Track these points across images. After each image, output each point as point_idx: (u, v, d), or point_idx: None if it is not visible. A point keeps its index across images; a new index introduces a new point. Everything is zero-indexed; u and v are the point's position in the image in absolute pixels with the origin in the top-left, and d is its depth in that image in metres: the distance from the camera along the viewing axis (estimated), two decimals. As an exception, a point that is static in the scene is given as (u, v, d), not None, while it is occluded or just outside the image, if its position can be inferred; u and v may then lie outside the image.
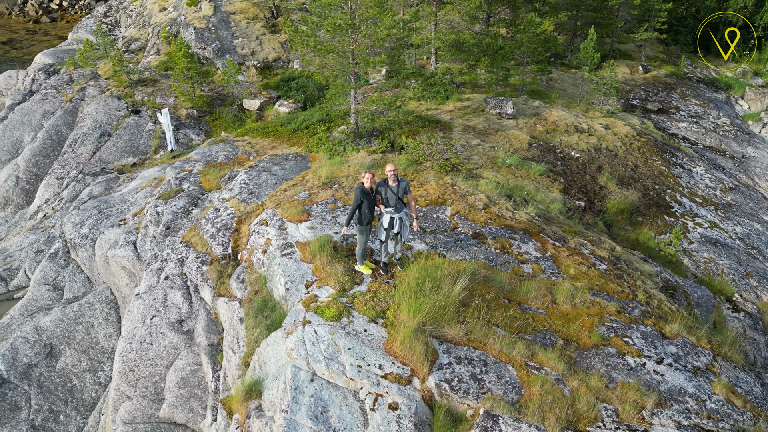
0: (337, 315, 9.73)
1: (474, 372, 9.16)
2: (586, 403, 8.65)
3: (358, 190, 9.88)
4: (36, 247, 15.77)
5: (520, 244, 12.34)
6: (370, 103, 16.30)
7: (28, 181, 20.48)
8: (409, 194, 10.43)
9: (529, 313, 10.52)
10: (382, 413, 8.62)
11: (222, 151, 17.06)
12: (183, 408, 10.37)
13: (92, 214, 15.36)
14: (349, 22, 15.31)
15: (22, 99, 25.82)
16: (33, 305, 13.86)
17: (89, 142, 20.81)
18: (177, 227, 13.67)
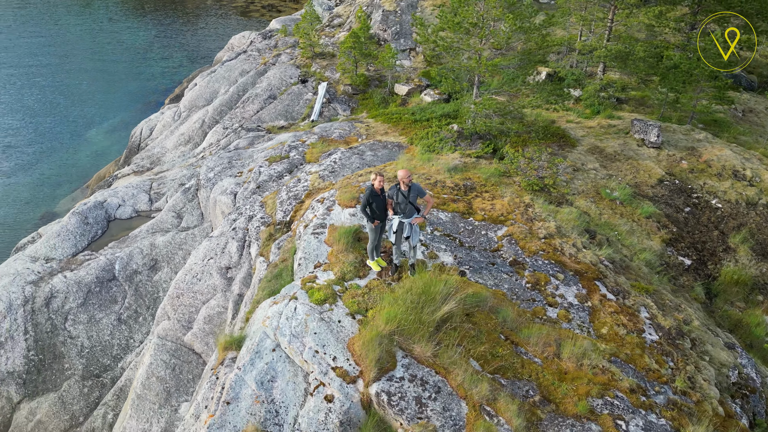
0: (322, 299, 10.22)
1: (421, 395, 8.90)
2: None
3: (368, 190, 10.08)
4: (181, 180, 19.15)
5: (560, 285, 11.16)
6: (483, 105, 15.87)
7: (209, 126, 24.56)
8: (426, 195, 10.31)
9: (522, 357, 9.65)
10: (317, 401, 9.00)
11: (339, 129, 18.32)
12: (201, 341, 12.01)
13: (222, 163, 17.99)
14: (473, 21, 15.02)
15: (234, 57, 30.63)
16: (157, 225, 17.02)
17: (257, 102, 24.03)
18: (265, 188, 15.36)
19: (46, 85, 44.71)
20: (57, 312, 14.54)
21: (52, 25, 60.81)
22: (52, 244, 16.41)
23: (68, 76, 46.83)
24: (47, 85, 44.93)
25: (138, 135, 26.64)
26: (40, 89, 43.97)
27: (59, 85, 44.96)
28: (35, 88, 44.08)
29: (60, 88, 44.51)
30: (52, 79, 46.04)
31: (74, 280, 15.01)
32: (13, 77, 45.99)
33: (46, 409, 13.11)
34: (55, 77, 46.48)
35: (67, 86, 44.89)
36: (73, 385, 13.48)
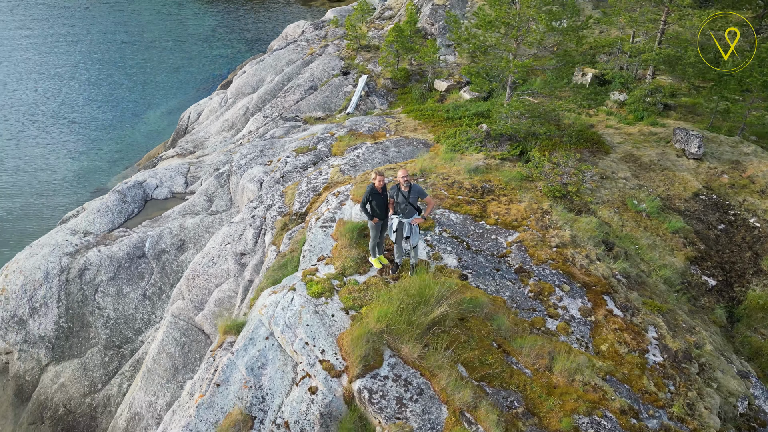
0: (319, 293, 10.41)
1: (403, 395, 8.95)
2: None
3: (368, 189, 10.15)
4: (216, 165, 19.83)
5: (564, 297, 10.86)
6: (512, 107, 15.57)
7: (252, 113, 25.23)
8: (427, 197, 10.29)
9: (511, 367, 9.51)
10: (301, 391, 9.22)
11: (369, 123, 18.42)
12: (210, 322, 12.49)
13: (255, 151, 18.50)
14: (506, 20, 14.72)
15: (284, 46, 31.25)
16: (189, 208, 17.73)
17: (298, 92, 24.46)
18: (289, 179, 15.71)
19: (113, 66, 47.16)
20: (89, 283, 15.48)
21: (126, 9, 63.91)
22: (91, 219, 17.44)
23: (135, 58, 49.16)
24: (114, 65, 47.37)
25: (186, 119, 27.73)
26: (108, 69, 46.39)
27: (125, 66, 47.31)
28: (104, 68, 46.55)
29: (126, 69, 46.82)
30: (119, 60, 48.50)
31: (107, 255, 15.91)
32: (85, 57, 48.74)
33: (69, 373, 14.05)
34: (123, 59, 48.94)
35: (132, 68, 47.16)
36: (95, 353, 14.37)
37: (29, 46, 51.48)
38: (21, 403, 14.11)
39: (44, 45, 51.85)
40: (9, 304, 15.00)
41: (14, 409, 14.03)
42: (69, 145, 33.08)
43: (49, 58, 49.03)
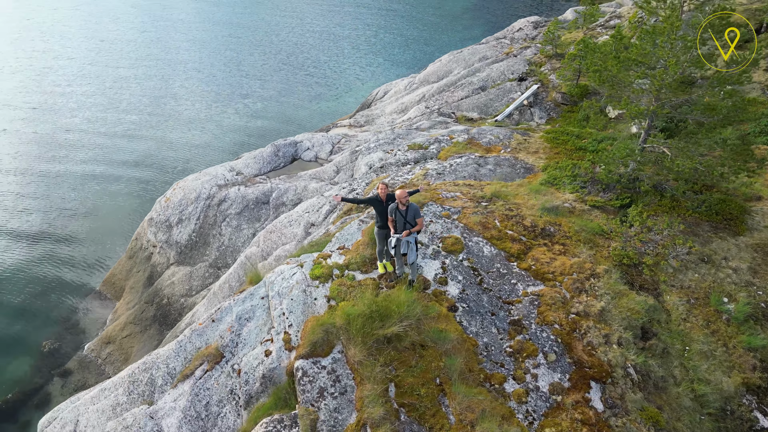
0: (317, 276, 11.60)
1: (327, 388, 9.79)
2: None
3: (374, 195, 10.78)
4: (359, 142, 21.84)
5: (543, 366, 10.09)
6: (625, 150, 14.06)
7: (425, 101, 26.55)
8: (420, 218, 10.54)
9: (440, 408, 9.53)
10: (260, 350, 10.74)
11: (493, 135, 18.22)
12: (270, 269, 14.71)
13: (388, 138, 19.98)
14: (645, 60, 13.26)
15: (493, 41, 31.50)
16: (318, 174, 20.18)
17: (466, 90, 24.81)
18: (386, 170, 16.86)
19: (313, 47, 52.24)
20: (222, 212, 19.14)
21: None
22: (246, 163, 21.18)
23: (371, 34, 54.02)
24: (315, 46, 52.48)
25: (374, 95, 30.38)
26: (309, 49, 51.81)
27: (332, 43, 52.19)
28: (311, 47, 52.21)
29: (362, 44, 51.84)
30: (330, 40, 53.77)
31: (242, 194, 19.34)
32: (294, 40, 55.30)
33: (180, 276, 17.93)
34: (358, 35, 54.20)
35: (369, 43, 52.01)
36: (201, 267, 17.97)
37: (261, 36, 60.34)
38: (148, 285, 18.57)
39: (267, 36, 59.90)
40: (167, 211, 19.53)
41: (143, 287, 18.57)
42: (281, 107, 38.99)
43: (277, 47, 56.72)
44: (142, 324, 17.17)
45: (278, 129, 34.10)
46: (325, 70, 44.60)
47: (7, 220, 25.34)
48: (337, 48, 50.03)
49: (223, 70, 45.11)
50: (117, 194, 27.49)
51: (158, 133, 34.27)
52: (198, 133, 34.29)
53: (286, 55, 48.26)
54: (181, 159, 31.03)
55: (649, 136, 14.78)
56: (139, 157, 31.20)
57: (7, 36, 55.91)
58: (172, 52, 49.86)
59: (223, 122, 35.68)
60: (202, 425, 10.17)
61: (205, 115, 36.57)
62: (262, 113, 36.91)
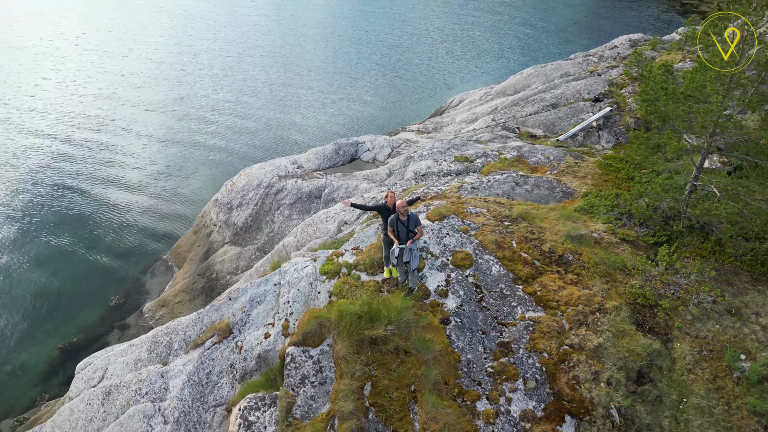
0: (325, 271, 12.33)
1: (309, 377, 10.54)
2: None
3: (381, 204, 11.29)
4: (416, 149, 22.28)
5: (520, 391, 10.11)
6: (666, 187, 13.47)
7: (495, 114, 26.42)
8: (419, 226, 10.92)
9: (407, 413, 9.92)
10: (260, 333, 11.70)
11: (544, 156, 17.94)
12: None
13: (442, 148, 20.30)
14: (699, 95, 12.68)
15: (580, 57, 30.56)
16: (371, 176, 20.90)
17: (537, 105, 24.33)
18: (426, 178, 17.26)
19: (408, 49, 52.38)
20: (277, 201, 20.49)
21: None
22: (308, 157, 22.41)
23: (464, 40, 53.75)
24: (410, 48, 52.67)
25: (449, 102, 30.58)
26: (404, 51, 52.06)
27: (428, 47, 52.20)
28: (406, 49, 52.50)
29: (434, 48, 51.78)
30: (425, 43, 53.82)
31: (297, 187, 20.58)
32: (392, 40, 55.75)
33: (230, 255, 19.48)
34: (455, 38, 54.15)
35: (444, 47, 51.88)
36: (250, 249, 19.39)
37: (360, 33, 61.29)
38: (204, 259, 20.34)
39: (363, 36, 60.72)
40: (230, 194, 21.23)
41: (199, 261, 20.37)
42: (360, 107, 40.11)
43: (374, 47, 57.56)
44: (191, 293, 18.92)
45: (353, 126, 35.32)
46: (415, 73, 45.27)
47: (131, 181, 28.76)
48: (432, 52, 50.50)
49: (319, 66, 47.27)
50: (206, 171, 30.05)
51: (248, 118, 36.80)
52: (281, 123, 36.38)
53: (380, 55, 49.53)
54: (259, 146, 33.15)
55: (700, 173, 14.00)
56: (221, 141, 33.74)
57: (142, 21, 62.27)
58: (276, 46, 52.98)
59: (307, 116, 37.54)
60: (201, 391, 11.28)
61: (294, 108, 38.67)
62: (345, 110, 38.35)
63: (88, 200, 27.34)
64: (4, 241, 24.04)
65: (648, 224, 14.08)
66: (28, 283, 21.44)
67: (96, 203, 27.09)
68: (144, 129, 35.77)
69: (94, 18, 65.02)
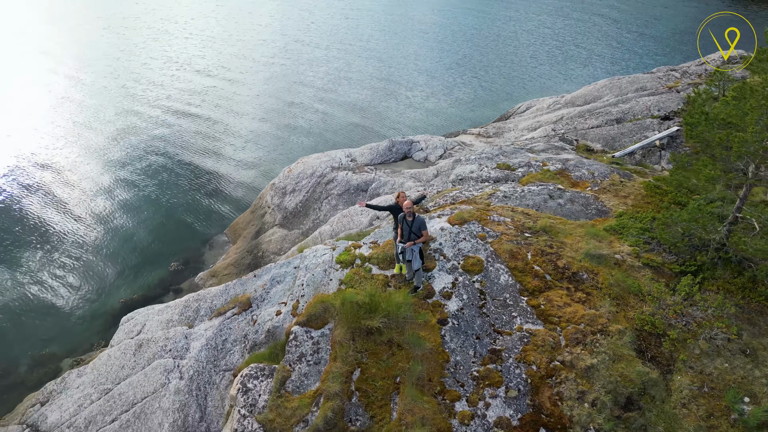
0: (340, 261, 13.10)
1: (306, 355, 11.39)
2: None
3: (393, 203, 11.84)
4: (470, 152, 22.44)
5: (501, 399, 10.38)
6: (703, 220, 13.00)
7: (558, 123, 25.90)
8: (425, 230, 11.36)
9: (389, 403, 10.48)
10: (272, 310, 12.73)
11: (589, 171, 17.58)
12: (326, 249, 16.67)
13: (489, 154, 20.42)
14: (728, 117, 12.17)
15: (661, 72, 29.18)
16: (419, 175, 21.38)
17: (600, 119, 23.56)
18: (463, 183, 17.55)
19: (492, 50, 51.31)
20: (327, 191, 21.54)
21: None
22: (362, 152, 23.26)
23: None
24: (494, 50, 51.49)
25: (516, 108, 30.22)
26: (487, 52, 50.98)
27: (513, 49, 50.87)
28: (490, 50, 51.41)
29: (519, 51, 50.47)
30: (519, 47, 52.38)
31: (347, 179, 21.52)
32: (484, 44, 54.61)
33: (276, 237, 20.77)
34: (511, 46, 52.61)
35: (529, 51, 50.44)
36: (294, 233, 20.57)
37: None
38: (255, 237, 21.83)
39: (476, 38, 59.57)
40: (286, 180, 22.58)
41: (251, 239, 21.88)
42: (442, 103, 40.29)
43: (458, 46, 56.77)
44: (239, 267, 20.44)
45: (417, 123, 35.76)
46: (494, 75, 44.84)
47: (212, 155, 31.31)
48: (516, 55, 49.68)
49: (400, 62, 48.03)
50: (279, 155, 31.88)
51: (323, 108, 38.35)
52: (355, 115, 37.55)
53: (462, 55, 49.45)
54: (328, 137, 34.50)
55: (743, 204, 13.32)
56: (287, 131, 35.43)
57: (245, 9, 66.11)
58: (362, 40, 54.37)
59: (380, 111, 38.46)
60: (215, 355, 12.48)
61: (368, 101, 39.72)
62: (415, 107, 38.84)
63: (172, 170, 29.97)
64: (103, 202, 27.04)
65: (674, 251, 13.58)
66: (114, 242, 24.05)
67: (178, 173, 29.64)
68: (232, 108, 38.34)
69: (201, 4, 69.89)
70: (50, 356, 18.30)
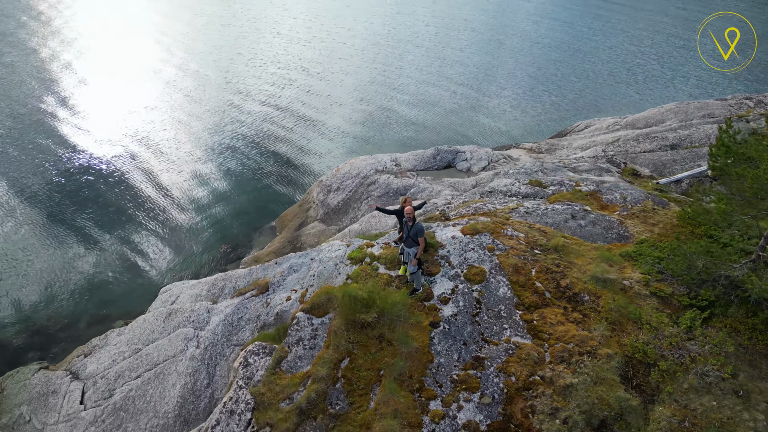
0: (351, 257, 13.97)
1: (304, 339, 12.39)
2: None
3: (399, 208, 12.54)
4: (514, 165, 22.57)
5: (474, 403, 10.86)
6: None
7: (612, 145, 25.32)
8: (421, 237, 11.98)
9: (369, 393, 11.23)
10: (284, 295, 13.80)
11: (622, 196, 17.38)
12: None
13: (527, 170, 20.53)
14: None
15: (736, 98, 27.77)
16: (457, 184, 21.85)
17: (654, 143, 22.77)
18: (493, 195, 17.89)
19: (569, 65, 49.60)
20: (368, 191, 22.51)
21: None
22: (407, 157, 24.00)
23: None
24: (572, 65, 49.73)
25: (574, 126, 29.71)
26: (563, 67, 49.34)
27: (590, 65, 49.10)
28: (567, 65, 49.92)
29: (596, 67, 48.70)
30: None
31: (387, 183, 22.38)
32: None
33: (315, 230, 21.97)
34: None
35: (608, 67, 48.58)
36: (333, 229, 21.67)
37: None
38: (297, 229, 23.18)
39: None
40: (332, 179, 23.79)
41: (294, 230, 23.26)
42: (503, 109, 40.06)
43: (536, 58, 55.42)
44: (278, 255, 21.85)
45: (475, 132, 35.92)
46: (566, 90, 43.98)
47: (285, 147, 33.43)
48: (593, 71, 48.39)
49: (472, 71, 48.24)
50: (335, 153, 33.38)
51: (390, 107, 39.42)
52: (417, 118, 38.31)
53: (537, 67, 48.85)
54: (388, 137, 35.49)
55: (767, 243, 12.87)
56: (350, 127, 36.70)
57: (331, 13, 68.79)
58: (437, 47, 55.03)
59: (442, 116, 38.97)
60: (230, 330, 13.75)
61: (433, 106, 40.34)
62: (479, 116, 38.99)
63: (241, 158, 32.21)
64: (182, 184, 29.68)
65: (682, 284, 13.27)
66: (181, 221, 26.41)
67: (245, 162, 31.82)
68: (306, 103, 40.31)
69: (293, 6, 73.34)
70: (105, 317, 20.55)
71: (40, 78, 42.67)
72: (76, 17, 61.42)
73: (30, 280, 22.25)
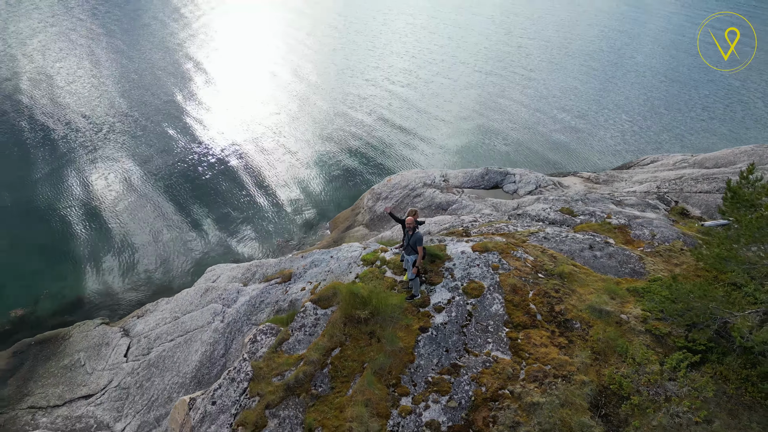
0: (364, 259, 15.22)
1: (306, 326, 13.80)
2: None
3: (404, 219, 13.61)
4: (566, 193, 22.70)
5: (442, 404, 11.66)
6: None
7: (672, 182, 24.56)
8: (420, 246, 12.95)
9: (349, 382, 12.39)
10: (299, 285, 15.29)
11: (651, 233, 17.20)
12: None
13: (570, 199, 20.76)
14: None
15: None
16: (499, 205, 22.37)
17: (713, 184, 21.72)
18: (522, 218, 18.42)
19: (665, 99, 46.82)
20: (413, 203, 23.63)
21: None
22: (456, 174, 24.80)
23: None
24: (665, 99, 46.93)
25: (640, 160, 28.88)
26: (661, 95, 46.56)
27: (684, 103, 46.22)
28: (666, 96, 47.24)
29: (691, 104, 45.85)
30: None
31: (432, 197, 23.38)
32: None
33: (359, 234, 23.36)
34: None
35: (701, 102, 45.66)
36: (374, 233, 22.99)
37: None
38: (344, 231, 24.76)
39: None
40: (383, 188, 25.17)
41: (341, 231, 24.85)
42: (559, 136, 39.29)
43: (640, 80, 52.74)
44: (322, 254, 23.61)
45: (536, 155, 35.63)
46: (651, 122, 42.25)
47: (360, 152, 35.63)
48: (686, 104, 46.00)
49: (556, 95, 47.71)
50: (398, 165, 34.79)
51: (466, 128, 40.22)
52: (492, 139, 38.75)
53: (624, 96, 47.31)
54: (463, 154, 36.26)
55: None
56: (420, 142, 37.79)
57: (410, 30, 70.60)
58: (525, 70, 54.84)
59: (515, 138, 39.06)
60: (251, 311, 15.49)
61: (508, 128, 40.54)
62: (551, 140, 38.64)
63: (319, 161, 34.55)
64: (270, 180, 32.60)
65: (698, 329, 13.12)
66: (260, 211, 29.10)
67: (321, 165, 34.08)
68: (389, 115, 42.18)
69: (393, 21, 75.97)
70: (168, 288, 23.26)
71: (172, 73, 47.90)
72: (213, 23, 67.78)
73: (128, 248, 25.52)
